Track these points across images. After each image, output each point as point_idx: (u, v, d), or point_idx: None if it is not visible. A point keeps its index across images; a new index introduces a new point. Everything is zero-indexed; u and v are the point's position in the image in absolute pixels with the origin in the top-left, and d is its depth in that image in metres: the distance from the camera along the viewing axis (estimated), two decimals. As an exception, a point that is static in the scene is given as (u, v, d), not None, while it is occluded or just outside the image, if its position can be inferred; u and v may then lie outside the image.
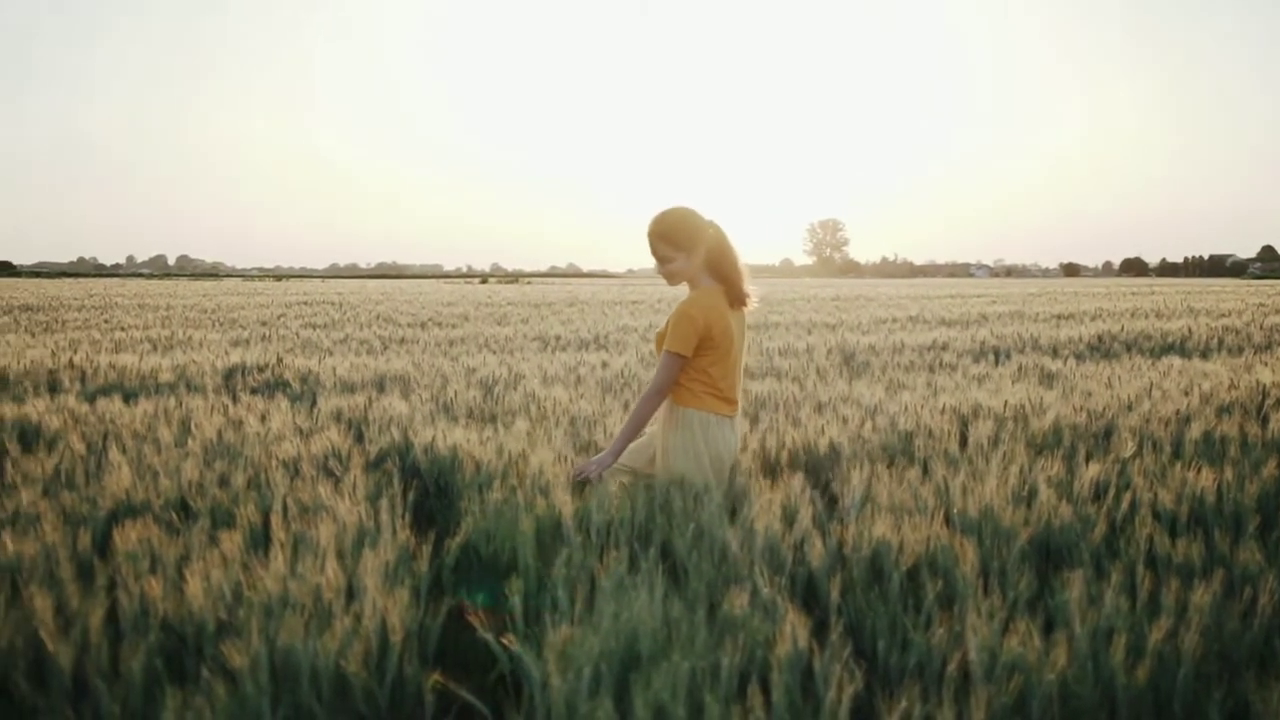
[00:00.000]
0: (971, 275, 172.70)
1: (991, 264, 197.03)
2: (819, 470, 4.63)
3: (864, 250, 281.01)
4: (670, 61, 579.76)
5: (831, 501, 3.85)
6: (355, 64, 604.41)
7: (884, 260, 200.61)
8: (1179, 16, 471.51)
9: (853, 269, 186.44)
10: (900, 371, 8.68)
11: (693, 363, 4.16)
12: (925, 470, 4.17)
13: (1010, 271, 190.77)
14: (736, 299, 4.27)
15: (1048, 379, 8.10)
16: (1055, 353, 10.81)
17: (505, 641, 2.51)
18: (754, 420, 5.60)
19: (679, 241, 4.17)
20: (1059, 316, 18.65)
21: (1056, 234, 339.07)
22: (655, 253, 4.22)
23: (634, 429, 4.24)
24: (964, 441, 4.94)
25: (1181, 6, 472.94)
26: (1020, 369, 8.62)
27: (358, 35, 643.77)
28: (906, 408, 5.76)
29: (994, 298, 31.30)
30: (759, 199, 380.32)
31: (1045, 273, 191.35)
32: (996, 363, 9.57)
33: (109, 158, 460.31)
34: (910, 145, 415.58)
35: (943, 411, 5.68)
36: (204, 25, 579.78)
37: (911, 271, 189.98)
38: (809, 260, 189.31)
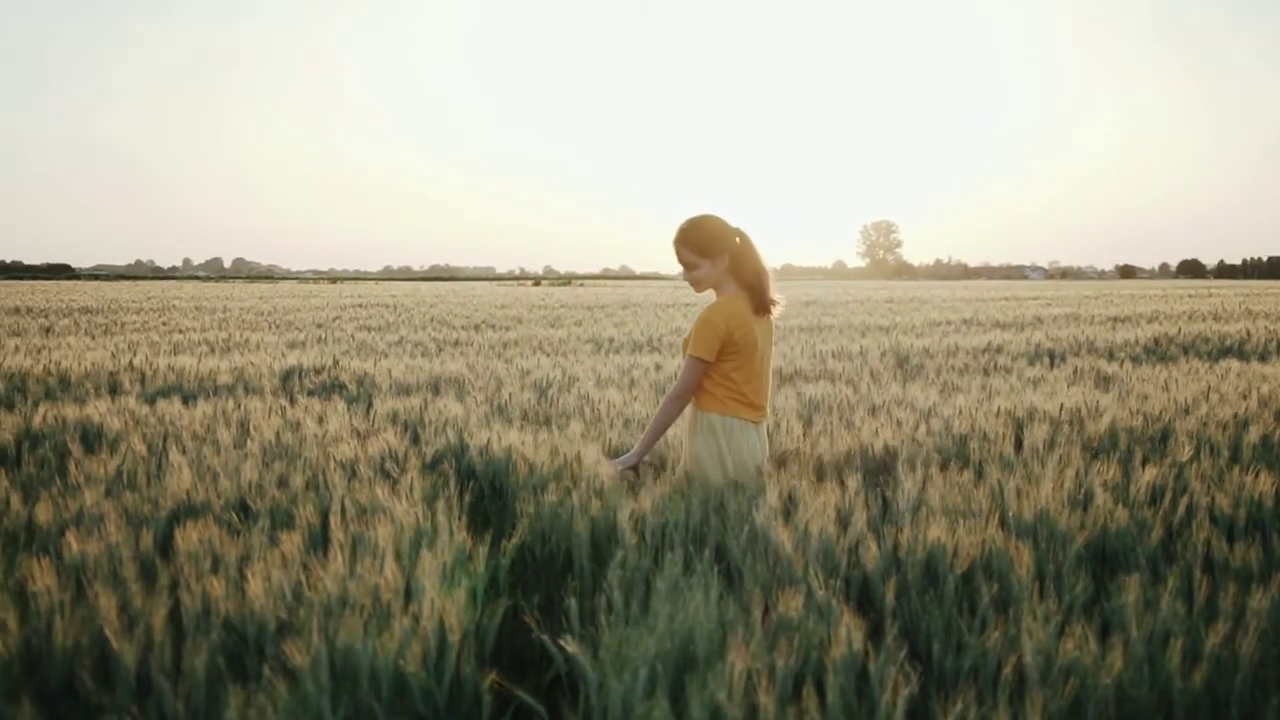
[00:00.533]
0: (1026, 277, 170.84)
1: (1046, 266, 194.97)
2: (873, 473, 4.62)
3: (917, 252, 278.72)
4: (726, 62, 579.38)
5: (886, 504, 3.84)
6: (407, 69, 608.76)
7: (937, 262, 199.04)
8: (1249, 11, 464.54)
9: (906, 271, 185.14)
10: (954, 374, 8.62)
11: (716, 368, 4.19)
12: (980, 473, 4.14)
13: (1065, 273, 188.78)
14: (761, 306, 4.29)
15: (1103, 382, 8.01)
16: (1111, 355, 10.68)
17: (561, 642, 2.53)
18: (807, 423, 5.59)
19: (704, 249, 4.22)
20: (1115, 319, 18.44)
21: (1112, 236, 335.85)
22: (681, 260, 4.28)
23: (657, 431, 4.30)
24: (1019, 445, 4.90)
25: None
26: (1076, 372, 8.53)
27: (411, 40, 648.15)
28: (961, 411, 5.72)
29: (1049, 300, 31.00)
30: (812, 201, 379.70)
31: (1101, 275, 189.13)
32: (1051, 365, 9.48)
33: (166, 162, 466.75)
34: (965, 146, 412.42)
35: (997, 414, 5.64)
36: (262, 31, 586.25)
37: (965, 274, 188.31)
38: (862, 262, 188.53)
